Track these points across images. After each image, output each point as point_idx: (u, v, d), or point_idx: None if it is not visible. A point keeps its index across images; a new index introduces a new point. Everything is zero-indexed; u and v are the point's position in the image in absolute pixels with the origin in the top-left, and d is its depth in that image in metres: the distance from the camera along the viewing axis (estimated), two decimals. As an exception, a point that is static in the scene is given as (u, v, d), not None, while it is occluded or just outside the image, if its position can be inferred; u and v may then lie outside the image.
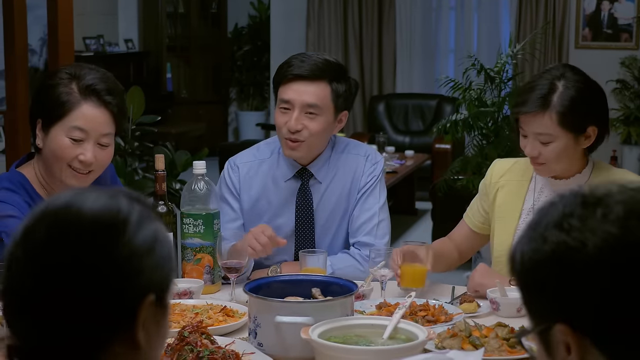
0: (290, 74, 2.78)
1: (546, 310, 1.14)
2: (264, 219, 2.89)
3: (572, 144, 2.57)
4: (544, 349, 1.17)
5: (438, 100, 8.86)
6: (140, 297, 1.20)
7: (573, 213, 1.13)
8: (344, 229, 2.91)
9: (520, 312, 2.48)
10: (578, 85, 2.55)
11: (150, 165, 4.97)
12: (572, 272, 1.10)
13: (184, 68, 11.15)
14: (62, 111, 2.45)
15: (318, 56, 2.82)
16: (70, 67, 2.54)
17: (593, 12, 8.75)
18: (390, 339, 2.12)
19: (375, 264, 2.60)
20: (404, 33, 9.43)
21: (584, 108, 2.55)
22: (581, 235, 1.10)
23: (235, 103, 11.57)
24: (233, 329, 2.36)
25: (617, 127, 8.35)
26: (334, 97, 2.79)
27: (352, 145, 2.95)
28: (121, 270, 1.19)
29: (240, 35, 11.43)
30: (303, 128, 2.78)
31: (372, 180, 2.90)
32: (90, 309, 1.17)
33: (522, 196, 2.74)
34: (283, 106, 2.81)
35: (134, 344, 1.21)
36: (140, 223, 1.22)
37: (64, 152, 2.47)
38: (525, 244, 1.16)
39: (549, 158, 2.57)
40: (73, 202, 1.22)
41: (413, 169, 7.60)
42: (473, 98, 5.48)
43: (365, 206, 2.89)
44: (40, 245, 1.19)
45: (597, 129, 2.57)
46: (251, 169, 2.92)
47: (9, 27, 4.20)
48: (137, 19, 10.78)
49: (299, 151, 2.82)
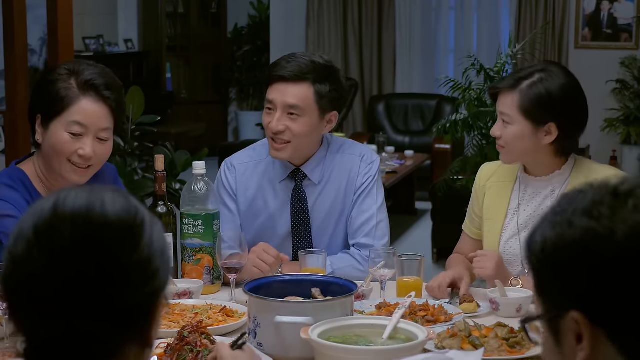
0: (274, 75, 2.80)
1: (562, 297, 1.13)
2: (260, 220, 2.89)
3: (530, 134, 2.60)
4: (552, 337, 1.16)
5: (438, 100, 8.86)
6: (157, 296, 1.23)
7: (603, 201, 1.12)
8: (342, 230, 2.91)
9: (519, 312, 2.48)
10: (556, 81, 2.59)
11: (150, 165, 4.97)
12: (598, 259, 1.09)
13: (183, 68, 11.15)
14: (61, 106, 2.47)
15: (304, 57, 2.81)
16: (69, 63, 2.56)
17: (593, 12, 8.75)
18: (390, 339, 2.12)
19: (375, 264, 2.60)
20: (404, 33, 9.43)
21: (547, 102, 2.58)
22: (611, 224, 1.09)
23: (235, 103, 11.57)
24: (233, 329, 2.36)
25: (617, 127, 8.35)
26: (317, 98, 2.78)
27: (347, 146, 2.95)
28: (144, 271, 1.21)
29: (240, 35, 11.43)
30: (285, 129, 2.79)
31: (369, 180, 2.90)
32: (114, 310, 1.18)
33: (507, 197, 2.77)
34: (268, 106, 2.82)
35: (147, 343, 1.23)
36: (152, 222, 1.25)
37: (63, 147, 2.48)
38: (548, 229, 1.15)
39: (507, 141, 2.63)
40: (93, 205, 1.21)
41: (413, 169, 7.60)
42: (473, 98, 5.48)
43: (363, 207, 2.89)
44: (66, 249, 1.18)
45: (557, 128, 2.60)
46: (247, 170, 2.92)
47: (9, 27, 4.20)
48: (137, 19, 10.78)
49: (284, 152, 2.82)
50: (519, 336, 2.18)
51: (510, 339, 2.17)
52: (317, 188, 2.89)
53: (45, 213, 1.21)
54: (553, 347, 1.16)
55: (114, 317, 1.18)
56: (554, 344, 1.16)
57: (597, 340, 1.10)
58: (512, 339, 2.17)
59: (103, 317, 1.18)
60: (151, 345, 1.23)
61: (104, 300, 1.18)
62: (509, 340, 2.17)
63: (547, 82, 2.58)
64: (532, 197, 2.73)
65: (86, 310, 1.17)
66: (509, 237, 2.74)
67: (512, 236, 2.74)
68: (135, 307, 1.20)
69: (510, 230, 2.75)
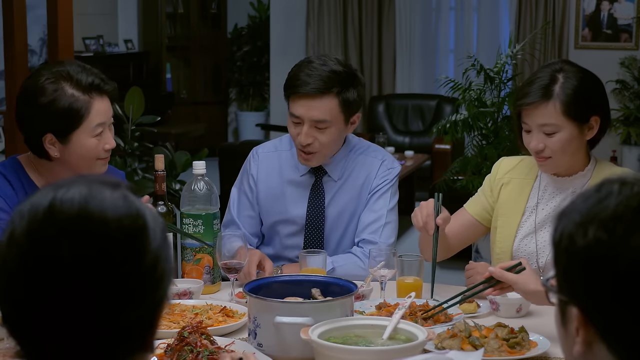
0: (298, 92, 2.79)
1: (568, 290, 1.15)
2: (277, 210, 2.94)
3: (577, 135, 2.57)
4: (560, 317, 1.19)
5: (438, 101, 8.86)
6: (162, 303, 1.18)
7: (622, 218, 1.12)
8: (353, 229, 2.94)
9: (519, 312, 2.48)
10: (579, 75, 2.57)
11: (150, 165, 4.98)
12: (599, 274, 1.11)
13: (183, 68, 11.15)
14: (78, 119, 2.51)
15: (323, 67, 2.79)
16: (45, 74, 2.51)
17: (593, 12, 8.74)
18: (390, 340, 2.12)
19: (375, 263, 2.60)
20: (404, 33, 9.43)
21: (586, 97, 2.56)
22: (620, 247, 1.10)
23: (235, 103, 11.56)
24: (233, 329, 2.36)
25: (617, 127, 8.35)
26: (343, 107, 2.80)
27: (371, 149, 2.99)
28: (148, 281, 1.15)
29: (239, 36, 11.43)
30: (314, 140, 2.81)
31: (385, 183, 2.93)
32: (119, 320, 1.13)
33: (526, 194, 2.73)
34: (293, 120, 2.83)
35: (149, 348, 1.20)
36: (155, 222, 1.18)
37: (94, 151, 2.55)
38: (568, 225, 1.15)
39: (554, 150, 2.56)
40: (92, 210, 1.13)
41: (413, 169, 7.60)
42: (473, 98, 5.48)
43: (374, 207, 2.92)
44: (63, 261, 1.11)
45: (599, 119, 2.59)
46: (271, 160, 2.97)
47: (9, 27, 4.20)
48: (137, 19, 10.78)
49: (313, 162, 2.88)
50: (518, 336, 2.18)
51: (510, 339, 2.17)
52: (335, 185, 2.93)
53: (40, 217, 1.13)
54: (560, 325, 1.19)
55: (116, 330, 1.13)
56: (561, 323, 1.19)
57: (592, 339, 1.13)
58: (512, 339, 2.17)
59: (105, 331, 1.13)
60: (152, 350, 1.20)
61: (105, 314, 1.12)
62: (509, 340, 2.17)
63: (574, 79, 2.55)
64: (552, 196, 2.69)
65: (85, 324, 1.12)
66: (524, 235, 2.70)
67: (527, 234, 2.70)
68: (139, 319, 1.15)
69: (527, 228, 2.71)
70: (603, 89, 2.63)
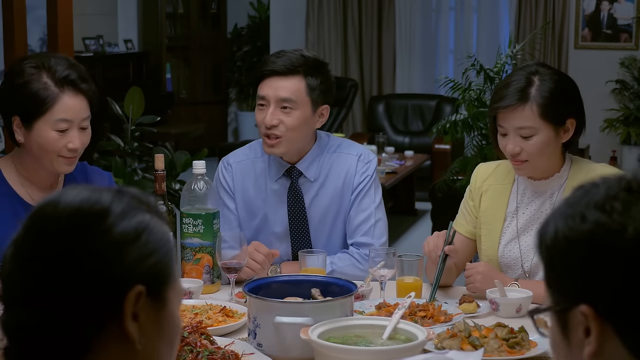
0: (265, 70, 2.82)
1: (571, 290, 1.13)
2: (258, 218, 2.91)
3: (553, 137, 2.57)
4: (559, 329, 1.15)
5: (437, 101, 8.86)
6: (123, 288, 1.19)
7: (617, 197, 1.11)
8: (340, 229, 2.92)
9: (519, 312, 2.48)
10: (554, 78, 2.58)
11: (150, 165, 4.97)
12: (608, 255, 1.09)
13: (183, 68, 11.15)
14: (43, 107, 2.49)
15: (294, 52, 2.85)
16: (31, 59, 2.55)
17: (592, 12, 8.75)
18: (389, 340, 2.12)
19: (374, 264, 2.60)
20: (404, 33, 9.43)
21: (562, 99, 2.57)
22: (623, 219, 1.09)
23: (235, 103, 11.57)
24: (232, 329, 2.36)
25: (617, 127, 8.36)
26: (309, 90, 2.81)
27: (344, 145, 2.96)
28: (99, 259, 1.18)
29: (239, 36, 11.43)
30: (279, 123, 2.80)
31: (366, 180, 2.91)
32: (72, 298, 1.17)
33: (505, 200, 2.73)
34: (260, 102, 2.84)
35: (125, 337, 1.20)
36: (125, 214, 1.21)
37: (53, 145, 2.52)
38: (560, 221, 1.14)
39: (531, 153, 2.57)
40: (53, 198, 1.23)
41: (413, 169, 7.60)
42: (472, 98, 5.49)
43: (361, 207, 2.90)
44: (20, 240, 1.21)
45: (575, 122, 2.59)
46: (244, 168, 2.94)
47: (9, 27, 4.20)
48: (137, 19, 10.78)
49: (277, 148, 2.83)
50: (518, 336, 2.18)
51: (510, 339, 2.17)
52: (313, 186, 2.90)
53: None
54: (560, 340, 1.16)
55: (73, 306, 1.17)
56: (561, 337, 1.15)
57: (604, 335, 1.10)
58: (512, 339, 2.17)
59: (62, 307, 1.17)
60: (135, 342, 1.21)
61: (59, 289, 1.17)
62: (508, 340, 2.17)
63: (550, 81, 2.56)
64: (531, 200, 2.69)
65: (45, 299, 1.18)
66: (507, 241, 2.70)
67: (510, 240, 2.70)
68: (95, 296, 1.18)
69: (509, 234, 2.71)
70: (578, 91, 2.63)
